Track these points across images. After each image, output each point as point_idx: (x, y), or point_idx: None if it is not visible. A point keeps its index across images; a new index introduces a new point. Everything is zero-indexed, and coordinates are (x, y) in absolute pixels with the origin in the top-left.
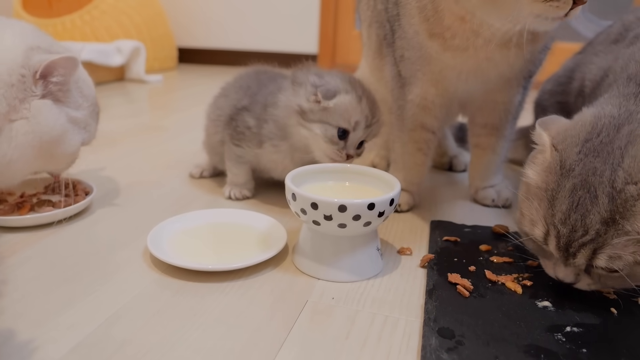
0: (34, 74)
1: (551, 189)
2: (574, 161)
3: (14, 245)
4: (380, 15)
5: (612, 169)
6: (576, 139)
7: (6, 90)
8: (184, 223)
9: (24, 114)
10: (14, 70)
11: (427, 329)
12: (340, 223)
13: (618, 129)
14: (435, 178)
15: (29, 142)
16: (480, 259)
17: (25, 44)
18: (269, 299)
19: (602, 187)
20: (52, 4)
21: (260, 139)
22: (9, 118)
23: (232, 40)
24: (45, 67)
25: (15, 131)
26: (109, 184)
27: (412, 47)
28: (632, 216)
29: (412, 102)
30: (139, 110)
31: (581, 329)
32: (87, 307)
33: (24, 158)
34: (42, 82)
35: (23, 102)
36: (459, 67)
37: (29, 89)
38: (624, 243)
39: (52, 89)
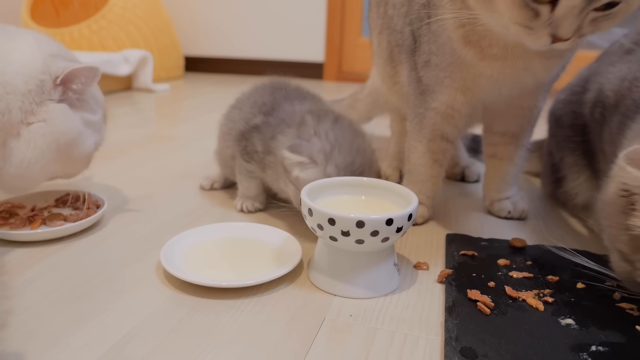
0: (54, 79)
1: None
2: None
3: (24, 260)
4: (392, 20)
5: None
6: None
7: (23, 98)
8: (197, 237)
9: (42, 117)
10: (32, 76)
11: (448, 349)
12: (357, 239)
13: None
14: (448, 189)
15: (47, 144)
16: (499, 274)
17: (45, 52)
18: (285, 316)
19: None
20: (59, 14)
21: (264, 165)
22: (26, 122)
23: (238, 49)
24: (67, 75)
25: (34, 133)
26: (118, 196)
27: (444, 53)
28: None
29: (436, 110)
30: (146, 120)
31: (607, 348)
32: (100, 326)
33: (42, 160)
34: (62, 88)
35: (40, 105)
36: (495, 76)
37: (47, 93)
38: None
39: (70, 96)
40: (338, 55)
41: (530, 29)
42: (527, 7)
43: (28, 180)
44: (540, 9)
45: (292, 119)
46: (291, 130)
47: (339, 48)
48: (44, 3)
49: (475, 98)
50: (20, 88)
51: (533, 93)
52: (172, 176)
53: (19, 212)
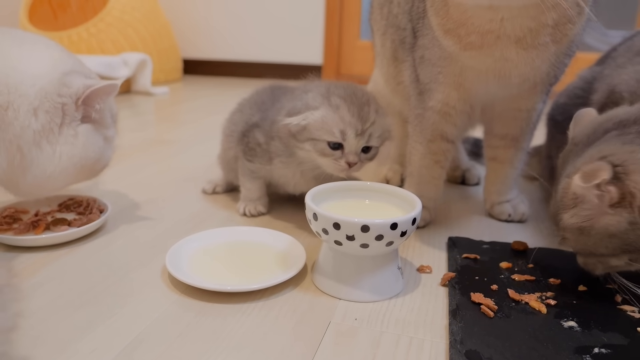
0: (76, 100)
1: (559, 170)
2: (570, 151)
3: (29, 265)
4: (396, 18)
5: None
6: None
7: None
8: (202, 242)
9: (70, 140)
10: (48, 97)
11: (454, 352)
12: (362, 243)
13: (605, 132)
14: (449, 192)
15: (73, 164)
16: (502, 277)
17: (59, 70)
18: (291, 320)
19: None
20: (57, 17)
21: (270, 155)
22: (47, 139)
23: (237, 52)
24: (89, 95)
25: (60, 152)
26: (121, 200)
27: (433, 46)
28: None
29: (433, 108)
30: (146, 124)
31: (609, 350)
32: (108, 332)
33: (64, 175)
34: (83, 107)
35: (66, 127)
36: (477, 68)
37: (70, 115)
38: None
39: (92, 115)
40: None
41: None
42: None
43: (45, 190)
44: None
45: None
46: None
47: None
48: (42, 6)
49: (468, 94)
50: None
51: (530, 94)
52: (174, 180)
53: (22, 217)
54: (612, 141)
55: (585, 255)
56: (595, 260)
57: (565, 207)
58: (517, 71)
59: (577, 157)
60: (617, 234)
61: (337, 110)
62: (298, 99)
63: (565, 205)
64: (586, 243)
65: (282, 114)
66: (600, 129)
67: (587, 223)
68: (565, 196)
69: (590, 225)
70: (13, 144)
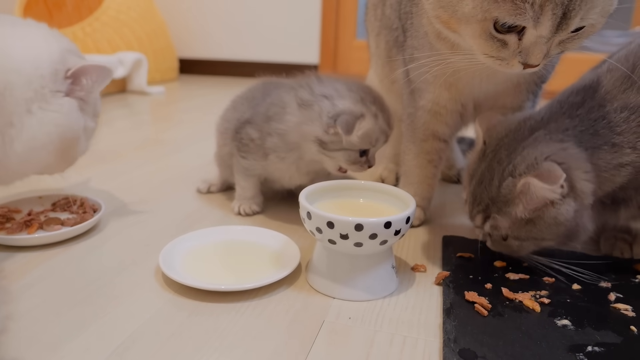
0: (66, 70)
1: (473, 168)
2: (490, 150)
3: (22, 265)
4: (389, 19)
5: (508, 162)
6: (499, 134)
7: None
8: (196, 241)
9: (57, 108)
10: (47, 63)
11: (447, 350)
12: (356, 242)
13: (532, 132)
14: (444, 191)
15: (58, 134)
16: (496, 276)
17: (63, 46)
18: (284, 319)
19: (497, 173)
20: (53, 16)
21: (265, 151)
22: (38, 104)
23: (233, 51)
24: (79, 69)
25: (49, 119)
26: (115, 200)
27: (423, 47)
28: (507, 201)
29: (424, 108)
30: (142, 123)
31: (602, 348)
32: (101, 331)
33: (49, 147)
34: (70, 81)
35: (53, 95)
36: (468, 69)
37: (59, 83)
38: (501, 219)
39: (77, 92)
40: (333, 57)
41: (500, 60)
42: (493, 39)
43: (28, 163)
44: (507, 39)
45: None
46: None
47: (334, 50)
48: (37, 5)
49: (459, 94)
50: (30, 69)
51: (515, 92)
52: (169, 179)
53: (15, 217)
54: (545, 141)
55: (522, 239)
56: (530, 244)
57: (511, 203)
58: (505, 74)
59: (509, 154)
60: (563, 222)
61: (376, 120)
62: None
63: (511, 202)
64: (530, 231)
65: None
66: (524, 127)
67: (536, 214)
68: (511, 193)
69: (539, 216)
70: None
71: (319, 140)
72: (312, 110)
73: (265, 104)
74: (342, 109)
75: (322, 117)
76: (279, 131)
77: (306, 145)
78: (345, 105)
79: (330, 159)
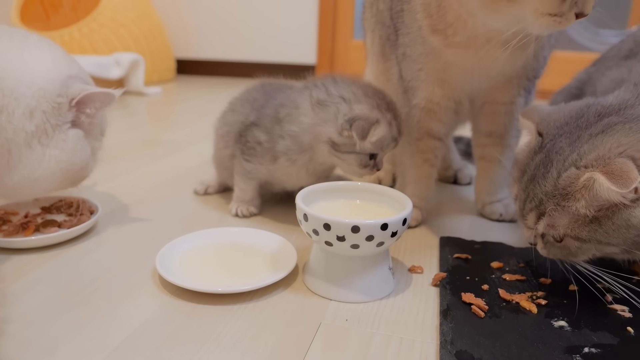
0: (70, 100)
1: (525, 163)
2: (548, 140)
3: (19, 268)
4: (382, 14)
5: (571, 151)
6: (558, 122)
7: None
8: (193, 243)
9: (60, 145)
10: (47, 97)
11: (444, 352)
12: (353, 244)
13: (601, 118)
14: (441, 192)
15: (60, 169)
16: (493, 277)
17: (63, 73)
18: (281, 321)
19: (557, 164)
20: (49, 16)
21: (275, 154)
22: (39, 140)
23: (230, 52)
24: (84, 98)
25: (49, 156)
26: (112, 201)
27: (415, 43)
28: (566, 194)
29: (417, 106)
30: (139, 124)
31: (599, 349)
32: (98, 334)
33: (50, 179)
34: (75, 110)
35: (57, 129)
36: (461, 65)
37: (63, 115)
38: (559, 216)
39: (82, 120)
40: (330, 57)
41: (559, 16)
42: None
43: (29, 191)
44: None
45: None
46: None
47: (331, 50)
48: (34, 5)
49: (452, 90)
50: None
51: (506, 87)
52: (166, 181)
53: (12, 219)
54: (623, 131)
55: (583, 241)
56: (591, 247)
57: (571, 197)
58: (498, 69)
59: (572, 143)
60: (637, 225)
61: (390, 127)
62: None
63: (571, 195)
64: (595, 231)
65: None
66: (588, 113)
67: (602, 213)
68: (571, 186)
69: (606, 215)
70: (4, 147)
71: (331, 142)
72: (328, 110)
73: (272, 105)
74: (358, 114)
75: (337, 118)
76: (292, 133)
77: (318, 146)
78: (362, 111)
79: (342, 161)
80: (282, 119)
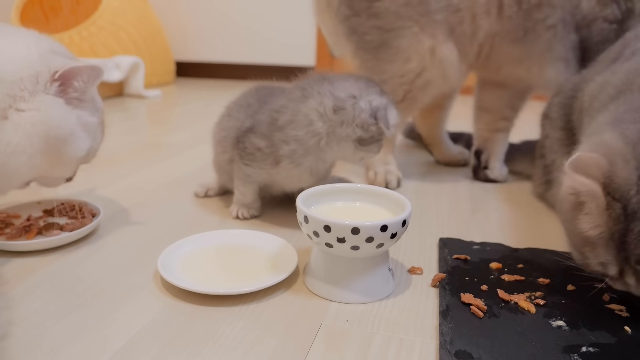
0: (53, 73)
1: (619, 236)
2: (634, 203)
3: (22, 270)
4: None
5: None
6: (630, 181)
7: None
8: (194, 245)
9: (35, 106)
10: (25, 66)
11: (443, 352)
12: (353, 245)
13: None
14: (439, 193)
15: (37, 133)
16: (492, 278)
17: (44, 47)
18: (283, 322)
19: None
20: (49, 20)
21: (277, 158)
22: (16, 107)
23: (230, 54)
24: (67, 71)
25: (25, 119)
26: (113, 204)
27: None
28: None
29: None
30: (139, 127)
31: (597, 348)
32: (100, 336)
33: (29, 150)
34: (60, 83)
35: (34, 95)
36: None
37: (41, 84)
38: None
39: (70, 94)
40: (329, 59)
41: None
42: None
43: (11, 171)
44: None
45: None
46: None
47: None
48: (34, 9)
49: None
50: (9, 75)
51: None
52: (166, 184)
53: (14, 222)
54: None
55: None
56: None
57: None
58: None
59: None
60: None
61: (394, 106)
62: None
63: None
64: None
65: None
66: None
67: None
68: None
69: None
70: None
71: (359, 139)
72: (346, 113)
73: (266, 111)
74: (376, 105)
75: (361, 115)
76: (298, 138)
77: (340, 145)
78: (377, 101)
79: (366, 152)
80: (283, 126)
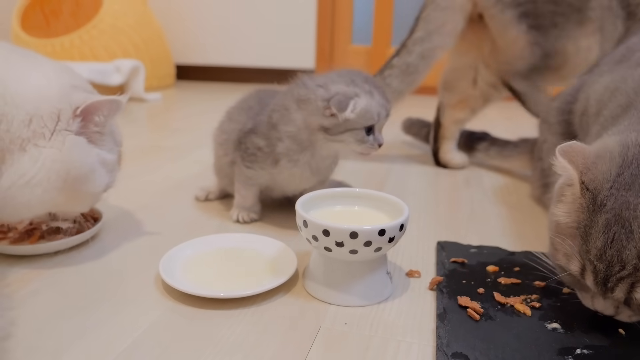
0: (74, 109)
1: (584, 226)
2: (605, 196)
3: (24, 274)
4: None
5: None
6: (607, 175)
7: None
8: (195, 249)
9: (56, 145)
10: (45, 104)
11: (440, 354)
12: (351, 249)
13: None
14: (438, 195)
15: (56, 171)
16: (488, 281)
17: (64, 81)
18: (282, 325)
19: (637, 221)
20: (50, 24)
21: (275, 157)
22: (35, 142)
23: (230, 57)
24: (89, 106)
25: (45, 156)
26: (115, 208)
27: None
28: None
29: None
30: (139, 131)
31: (591, 351)
32: (103, 339)
33: (45, 185)
34: (81, 120)
35: (55, 133)
36: None
37: (64, 122)
38: None
39: (90, 129)
40: (328, 62)
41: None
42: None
43: (21, 204)
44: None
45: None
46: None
47: (330, 55)
48: (35, 13)
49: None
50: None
51: None
52: (167, 187)
53: (17, 226)
54: None
55: None
56: None
57: None
58: None
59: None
60: None
61: (372, 96)
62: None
63: None
64: None
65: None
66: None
67: None
68: None
69: None
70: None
71: (322, 128)
72: (310, 102)
73: (266, 111)
74: (335, 91)
75: (317, 103)
76: (290, 134)
77: (315, 138)
78: (338, 88)
79: (341, 144)
80: (276, 123)
